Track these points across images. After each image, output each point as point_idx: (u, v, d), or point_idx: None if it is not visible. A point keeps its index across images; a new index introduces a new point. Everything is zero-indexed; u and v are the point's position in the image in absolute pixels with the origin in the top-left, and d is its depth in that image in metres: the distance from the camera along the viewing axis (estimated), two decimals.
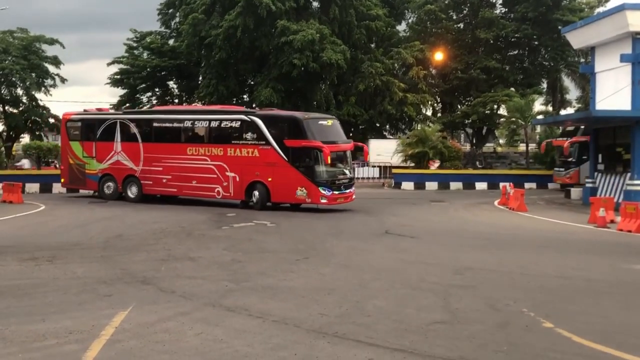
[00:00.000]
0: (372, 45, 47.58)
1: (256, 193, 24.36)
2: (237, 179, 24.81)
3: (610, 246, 16.40)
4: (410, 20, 52.75)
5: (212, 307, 9.44)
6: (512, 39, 50.14)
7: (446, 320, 8.65)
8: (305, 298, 9.99)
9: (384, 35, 47.52)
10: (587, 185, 28.66)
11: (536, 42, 49.46)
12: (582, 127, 33.97)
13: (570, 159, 34.44)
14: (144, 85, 51.66)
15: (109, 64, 51.84)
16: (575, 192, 30.31)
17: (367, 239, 16.82)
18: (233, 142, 25.00)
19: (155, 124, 27.85)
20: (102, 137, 28.84)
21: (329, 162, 22.93)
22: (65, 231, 18.57)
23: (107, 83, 51.63)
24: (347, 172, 25.05)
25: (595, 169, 28.45)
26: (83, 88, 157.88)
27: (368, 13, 45.13)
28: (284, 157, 23.62)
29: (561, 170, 35.33)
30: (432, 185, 38.05)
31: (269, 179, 24.02)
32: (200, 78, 48.89)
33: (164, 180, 26.85)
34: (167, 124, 27.35)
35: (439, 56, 46.81)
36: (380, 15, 45.46)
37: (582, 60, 45.64)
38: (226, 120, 25.51)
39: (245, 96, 49.66)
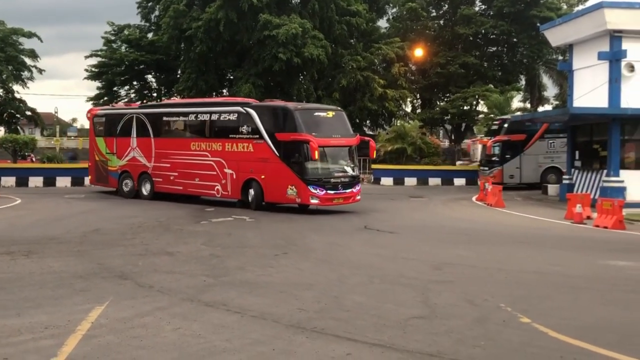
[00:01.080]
0: (353, 41, 47.57)
1: (251, 192, 22.54)
2: (234, 177, 23.10)
3: (586, 242, 16.54)
4: (391, 16, 52.84)
5: (190, 302, 9.39)
6: (491, 36, 50.40)
7: (424, 315, 8.67)
8: (284, 293, 9.97)
9: (365, 31, 47.51)
10: (565, 181, 28.89)
11: (515, 39, 49.75)
12: (506, 125, 34.36)
13: (494, 158, 34.42)
14: (122, 78, 51.24)
15: (86, 57, 51.45)
16: (553, 189, 30.54)
17: (347, 234, 16.83)
18: (230, 136, 23.32)
19: (164, 118, 26.54)
20: (121, 132, 27.86)
21: (316, 157, 20.57)
22: (41, 225, 18.39)
23: (85, 77, 51.26)
24: (348, 169, 22.45)
25: (573, 165, 28.68)
26: (61, 81, 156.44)
27: (348, 9, 45.11)
28: (276, 152, 21.69)
29: (485, 169, 35.10)
30: (411, 181, 38.25)
31: (262, 177, 22.15)
32: (180, 72, 48.60)
33: (172, 178, 25.52)
34: (173, 118, 26.24)
35: (418, 52, 46.92)
36: (361, 11, 45.47)
37: (560, 57, 45.95)
38: (224, 112, 23.94)
39: (224, 91, 49.44)
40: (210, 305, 9.14)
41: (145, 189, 26.67)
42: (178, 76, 49.04)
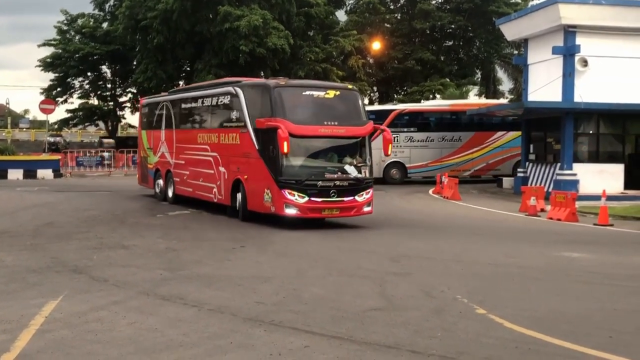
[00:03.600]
0: (311, 33, 47.52)
1: (239, 197, 17.91)
2: (226, 177, 18.62)
3: (540, 234, 16.82)
4: (348, 7, 52.94)
5: (147, 296, 9.27)
6: (448, 30, 50.94)
7: (382, 307, 8.72)
8: (241, 286, 9.91)
9: (323, 23, 47.49)
10: (519, 174, 29.34)
11: (471, 34, 50.34)
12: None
13: None
14: (76, 69, 50.37)
15: (39, 46, 50.49)
16: (507, 181, 30.99)
17: (305, 228, 16.81)
18: (224, 124, 19.08)
19: (182, 105, 22.28)
20: (156, 124, 24.23)
21: (285, 150, 15.52)
22: None
23: (38, 66, 50.28)
24: (350, 169, 16.58)
25: (527, 159, 29.14)
26: (14, 72, 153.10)
27: (307, 0, 45.04)
28: (256, 144, 17.02)
29: None
30: None
31: (245, 177, 17.48)
32: (135, 63, 47.92)
33: (185, 177, 21.45)
34: (187, 105, 21.99)
35: (376, 45, 47.15)
36: (319, 3, 45.44)
37: (516, 52, 46.62)
38: (218, 95, 19.64)
39: (181, 83, 48.98)
40: (167, 299, 9.05)
41: (170, 191, 22.53)
42: (134, 67, 48.33)
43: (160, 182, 23.37)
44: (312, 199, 16.03)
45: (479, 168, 33.68)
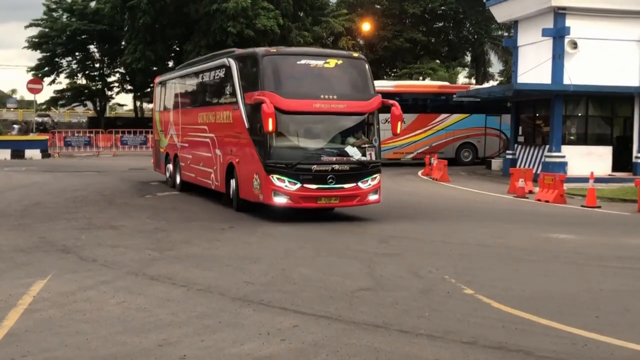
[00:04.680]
0: (301, 14, 47.27)
1: (232, 183, 15.93)
2: (221, 160, 16.68)
3: (528, 215, 16.90)
4: None
5: (135, 276, 9.26)
6: (439, 12, 50.79)
7: (371, 287, 8.75)
8: (230, 267, 9.92)
9: (313, 4, 47.23)
10: (508, 156, 29.42)
11: (462, 15, 50.24)
12: None
13: None
14: (64, 49, 49.96)
15: (26, 27, 49.94)
16: (496, 163, 31.07)
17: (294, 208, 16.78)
18: (220, 102, 17.11)
19: (186, 82, 20.44)
20: (166, 104, 22.44)
21: (270, 128, 13.37)
22: None
23: (25, 47, 49.84)
24: (352, 151, 14.42)
25: (516, 141, 29.20)
26: (2, 51, 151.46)
27: None
28: (246, 122, 14.91)
29: None
30: None
31: (237, 161, 15.54)
32: (124, 43, 47.56)
33: (188, 162, 19.52)
34: (188, 82, 20.23)
35: (366, 27, 47.00)
36: None
37: (506, 34, 46.59)
38: (213, 68, 17.61)
39: (171, 63, 48.69)
40: (156, 279, 9.04)
41: (178, 177, 20.54)
42: (122, 47, 47.96)
43: (170, 167, 21.45)
44: (306, 185, 13.91)
45: (421, 151, 32.94)
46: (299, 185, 13.90)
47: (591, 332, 6.86)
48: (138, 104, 62.06)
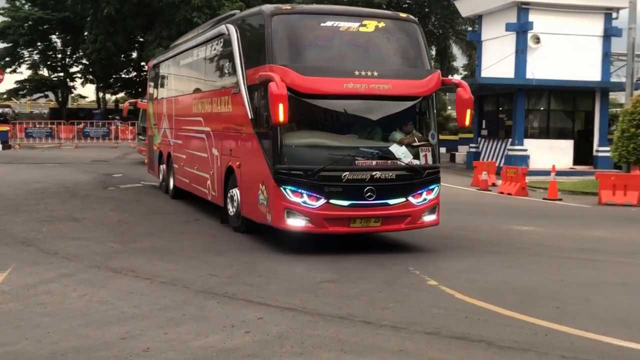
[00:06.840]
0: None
1: (234, 194, 11.91)
2: (218, 162, 12.95)
3: (491, 208, 17.09)
4: None
5: (97, 268, 9.15)
6: (404, 5, 50.92)
7: (335, 279, 8.76)
8: (194, 259, 9.86)
9: None
10: (471, 149, 29.70)
11: (427, 9, 50.45)
12: None
13: (143, 125, 25.87)
14: (26, 39, 49.09)
15: None
16: (460, 156, 31.34)
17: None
18: (218, 83, 13.17)
19: (180, 62, 16.48)
20: (160, 91, 18.89)
21: (280, 118, 9.33)
22: None
23: None
24: (398, 151, 10.39)
25: (479, 134, 29.49)
26: None
27: None
28: (249, 111, 10.96)
29: (143, 138, 25.63)
30: None
31: (237, 164, 11.70)
32: (86, 33, 46.89)
33: (182, 163, 16.00)
34: (182, 62, 16.31)
35: None
36: None
37: (470, 28, 46.93)
38: (210, 40, 13.65)
39: (134, 53, 48.10)
40: (118, 272, 8.94)
41: (171, 181, 17.02)
42: (85, 37, 47.27)
43: (163, 168, 18.03)
44: (333, 201, 9.90)
45: None
46: (323, 201, 9.89)
47: (552, 323, 6.96)
48: (100, 95, 61.24)
